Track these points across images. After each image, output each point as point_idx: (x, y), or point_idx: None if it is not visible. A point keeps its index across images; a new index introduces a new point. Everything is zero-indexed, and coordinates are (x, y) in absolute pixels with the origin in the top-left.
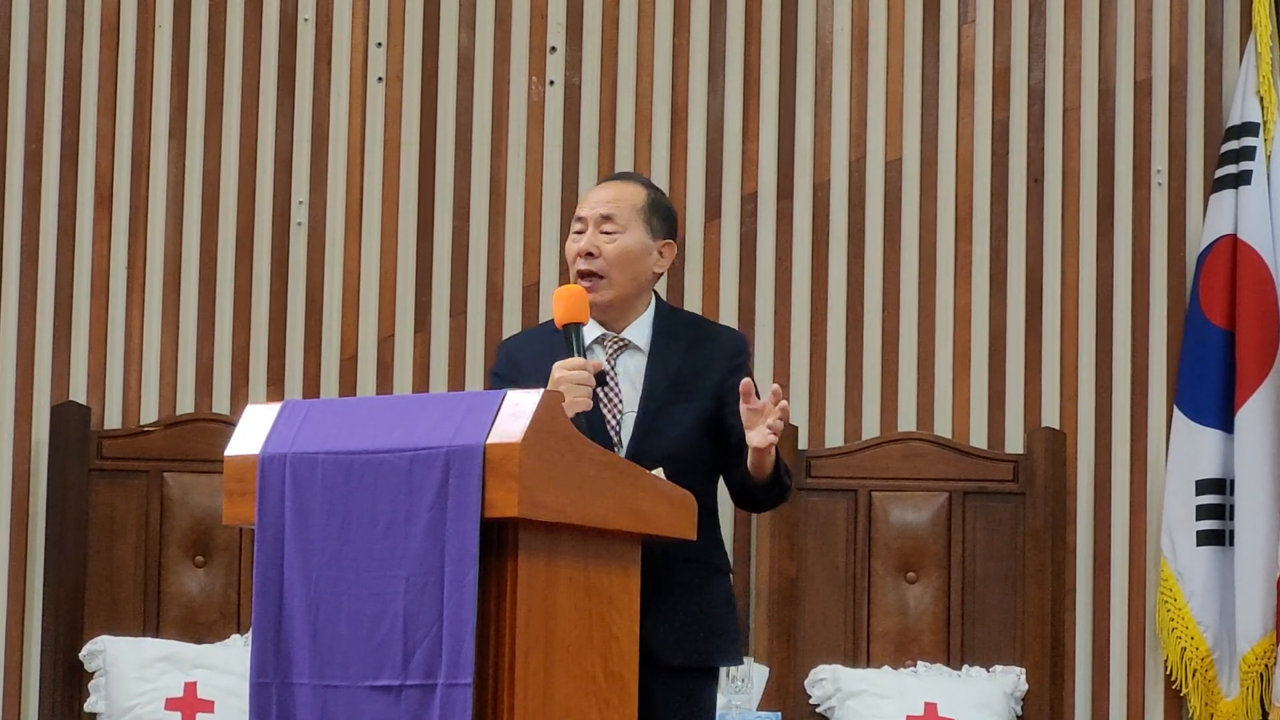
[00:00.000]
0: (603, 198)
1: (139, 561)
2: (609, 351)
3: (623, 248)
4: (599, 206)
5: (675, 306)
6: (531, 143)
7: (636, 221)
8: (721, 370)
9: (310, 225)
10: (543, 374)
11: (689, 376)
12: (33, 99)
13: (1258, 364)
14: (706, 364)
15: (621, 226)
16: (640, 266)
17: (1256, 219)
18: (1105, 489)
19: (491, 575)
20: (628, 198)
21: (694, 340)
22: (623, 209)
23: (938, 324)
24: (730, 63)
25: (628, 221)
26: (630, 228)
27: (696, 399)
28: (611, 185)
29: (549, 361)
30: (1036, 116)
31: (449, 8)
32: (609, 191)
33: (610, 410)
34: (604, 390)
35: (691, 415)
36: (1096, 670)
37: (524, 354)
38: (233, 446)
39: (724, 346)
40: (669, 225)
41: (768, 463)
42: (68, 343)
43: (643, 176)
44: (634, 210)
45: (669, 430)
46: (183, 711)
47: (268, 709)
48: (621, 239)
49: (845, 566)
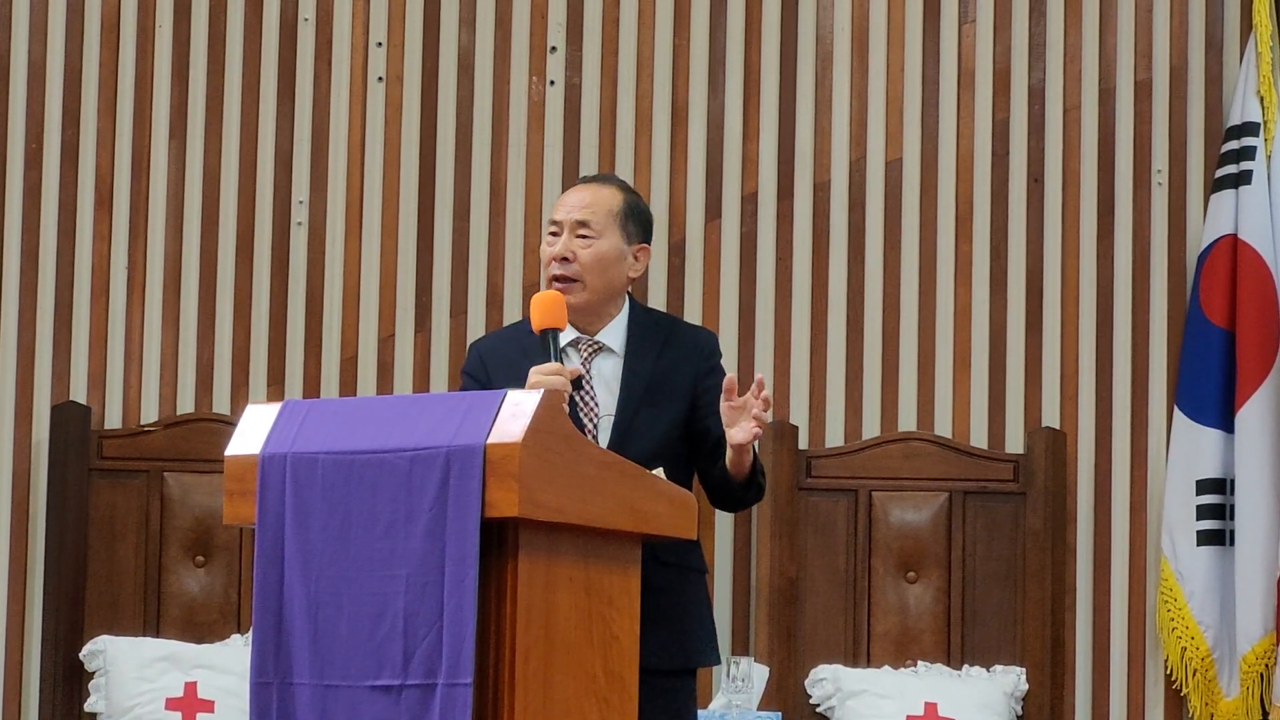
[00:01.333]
0: (578, 201)
1: (139, 561)
2: (584, 355)
3: (598, 253)
4: (574, 211)
5: (649, 308)
6: (531, 143)
7: (612, 226)
8: (695, 372)
9: (310, 225)
10: (515, 376)
11: (663, 379)
12: (33, 99)
13: (1258, 364)
14: (679, 365)
15: (597, 232)
16: (615, 271)
17: (1257, 219)
18: (1105, 489)
19: (491, 575)
20: (603, 202)
21: (666, 341)
22: (598, 214)
23: (938, 324)
24: (730, 63)
25: (603, 227)
26: (606, 233)
27: (671, 401)
28: (587, 188)
29: (523, 363)
30: (1036, 116)
31: (449, 8)
32: (585, 195)
33: (587, 415)
34: (580, 395)
35: (667, 418)
36: (1096, 670)
37: (496, 355)
38: (233, 446)
39: (697, 348)
40: (645, 230)
41: (746, 461)
42: (68, 343)
43: (618, 179)
44: (609, 215)
45: (646, 433)
46: (183, 711)
47: (268, 709)
48: (597, 244)
49: (845, 566)
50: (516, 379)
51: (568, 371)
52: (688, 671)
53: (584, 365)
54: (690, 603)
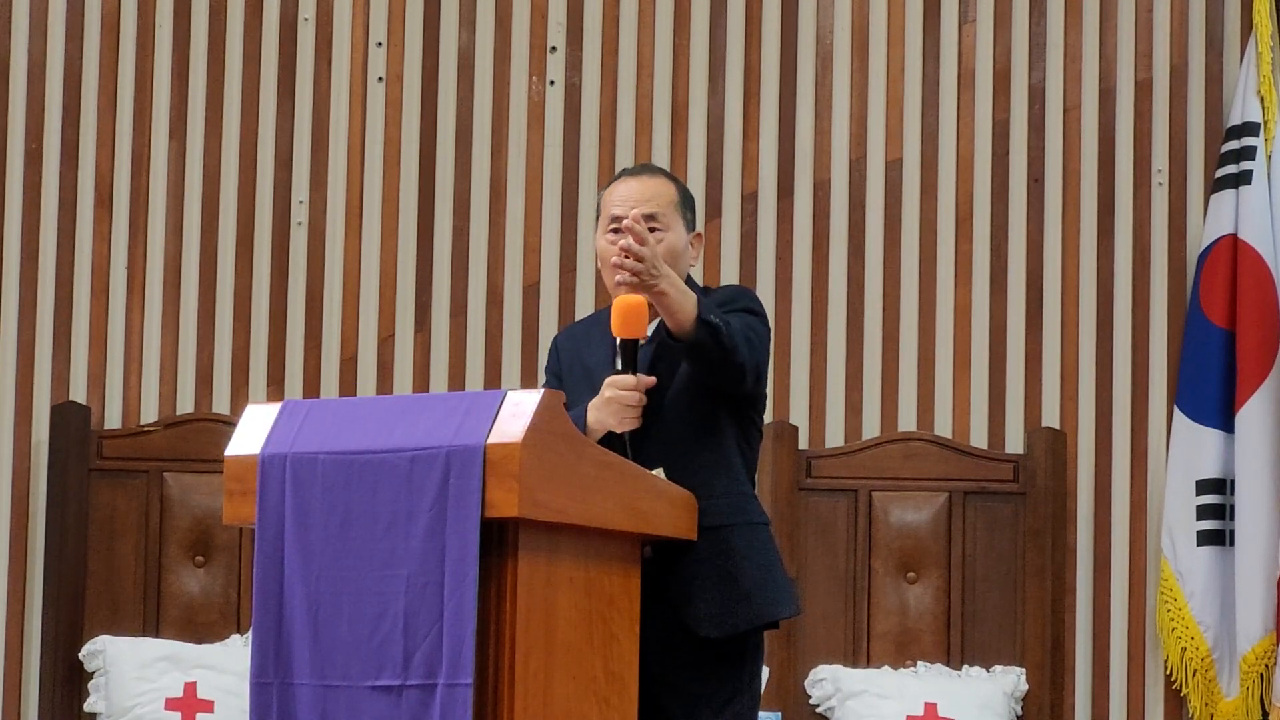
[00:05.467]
0: (640, 195)
1: (139, 561)
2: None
3: (669, 247)
4: (641, 205)
5: (708, 286)
6: (531, 143)
7: (676, 218)
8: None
9: (310, 225)
10: (579, 370)
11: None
12: (33, 99)
13: (1258, 364)
14: None
15: (665, 225)
16: (683, 263)
17: (1257, 219)
18: (1105, 489)
19: (492, 575)
20: (665, 194)
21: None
22: (663, 206)
23: (938, 324)
24: (730, 63)
25: (670, 219)
26: (673, 225)
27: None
28: (645, 181)
29: (587, 356)
30: (1036, 116)
31: (449, 8)
32: (644, 189)
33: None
34: None
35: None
36: (1096, 670)
37: (568, 347)
38: (233, 446)
39: (721, 298)
40: (694, 217)
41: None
42: (68, 343)
43: (663, 169)
44: (672, 206)
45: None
46: (183, 711)
47: (268, 709)
48: (668, 238)
49: (845, 566)
50: (582, 374)
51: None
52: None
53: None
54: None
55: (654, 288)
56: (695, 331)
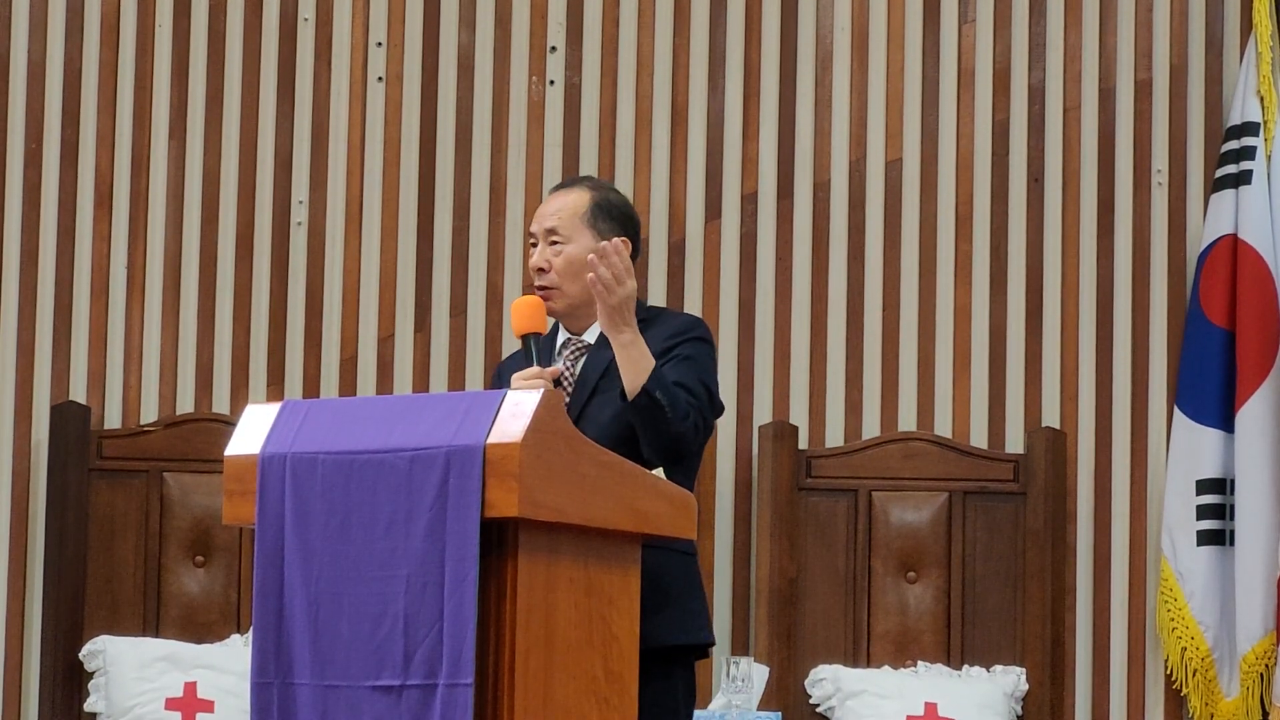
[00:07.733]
0: (547, 210)
1: (139, 561)
2: (573, 355)
3: (568, 258)
4: (544, 220)
5: (642, 302)
6: (531, 143)
7: (581, 229)
8: (659, 351)
9: (310, 225)
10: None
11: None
12: (33, 99)
13: (1258, 364)
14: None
15: (565, 238)
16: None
17: (1257, 219)
18: (1105, 489)
19: (491, 575)
20: (569, 206)
21: (642, 329)
22: (565, 219)
23: (938, 324)
24: (730, 63)
25: (571, 232)
26: (574, 237)
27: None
28: (556, 196)
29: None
30: (1036, 116)
31: (449, 8)
32: (553, 203)
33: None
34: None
35: (612, 406)
36: (1096, 670)
37: (507, 371)
38: (233, 446)
39: (672, 328)
40: (622, 223)
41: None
42: (68, 343)
43: (590, 179)
44: (576, 218)
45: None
46: (183, 711)
47: (268, 709)
48: (566, 250)
49: (845, 566)
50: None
51: (547, 373)
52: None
53: (571, 365)
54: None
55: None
56: (639, 398)
